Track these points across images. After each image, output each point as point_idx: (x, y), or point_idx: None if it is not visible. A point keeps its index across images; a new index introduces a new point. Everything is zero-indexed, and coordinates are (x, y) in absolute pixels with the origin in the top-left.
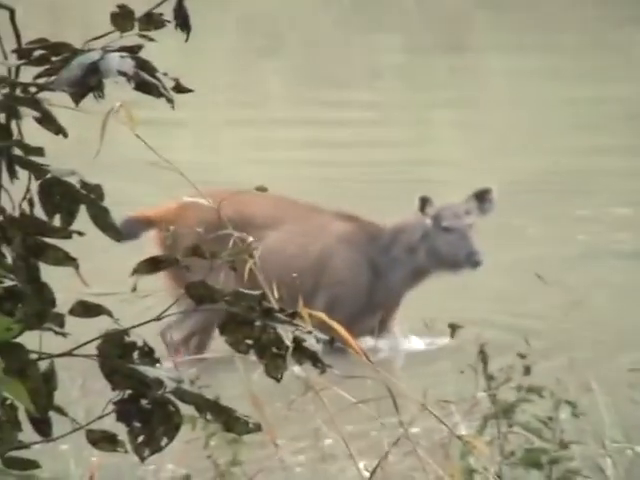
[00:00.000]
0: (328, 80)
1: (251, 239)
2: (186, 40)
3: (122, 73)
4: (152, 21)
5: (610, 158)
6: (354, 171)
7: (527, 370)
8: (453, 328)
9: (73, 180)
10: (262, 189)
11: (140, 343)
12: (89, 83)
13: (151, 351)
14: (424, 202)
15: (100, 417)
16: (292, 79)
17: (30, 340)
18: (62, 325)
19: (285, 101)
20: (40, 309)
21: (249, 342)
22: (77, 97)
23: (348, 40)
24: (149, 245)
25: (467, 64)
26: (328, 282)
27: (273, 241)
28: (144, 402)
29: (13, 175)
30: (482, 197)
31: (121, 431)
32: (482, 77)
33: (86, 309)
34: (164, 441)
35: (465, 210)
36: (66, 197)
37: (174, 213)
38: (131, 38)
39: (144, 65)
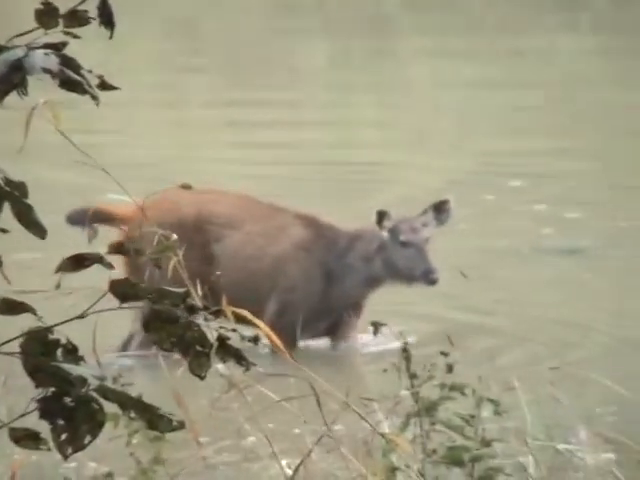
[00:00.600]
0: (249, 69)
1: (175, 237)
2: (110, 37)
3: (46, 70)
4: (76, 18)
5: (532, 140)
6: (274, 153)
7: (450, 368)
8: (375, 326)
9: None
10: (187, 186)
11: (64, 341)
12: (13, 80)
13: (75, 349)
14: (381, 216)
15: (23, 415)
16: (212, 65)
17: None
18: None
19: (206, 85)
20: None
21: (173, 340)
22: (1, 94)
23: (269, 38)
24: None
25: (388, 48)
26: (281, 287)
27: (233, 241)
28: (67, 400)
29: None
30: (439, 208)
31: (44, 429)
32: (403, 60)
33: (9, 306)
34: (87, 439)
35: (422, 223)
36: None
37: (136, 212)
38: (56, 35)
39: (69, 62)
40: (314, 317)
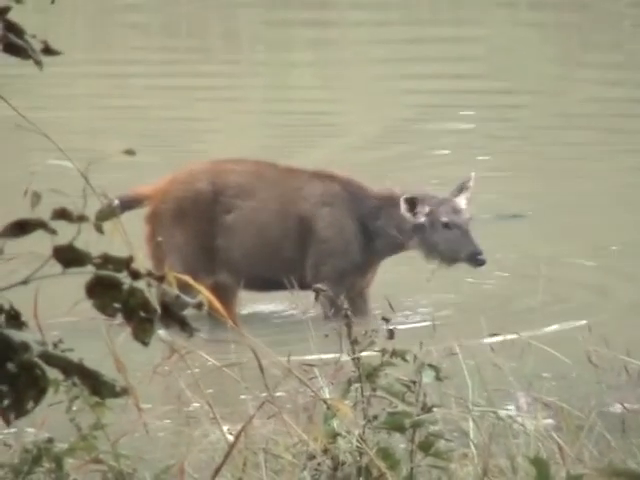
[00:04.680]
0: (187, 34)
1: (116, 202)
2: (52, 2)
3: None
4: None
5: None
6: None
7: (391, 334)
8: (317, 292)
9: None
10: (130, 152)
11: (7, 306)
12: None
13: (17, 315)
14: (412, 204)
15: None
16: (151, 36)
17: None
18: None
19: (145, 52)
20: None
21: (117, 305)
22: None
23: None
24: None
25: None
26: (315, 242)
27: (247, 211)
28: (11, 366)
29: None
30: (463, 187)
31: None
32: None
33: None
34: (30, 405)
35: (461, 205)
36: None
37: (162, 188)
38: None
39: (12, 27)
40: (353, 272)
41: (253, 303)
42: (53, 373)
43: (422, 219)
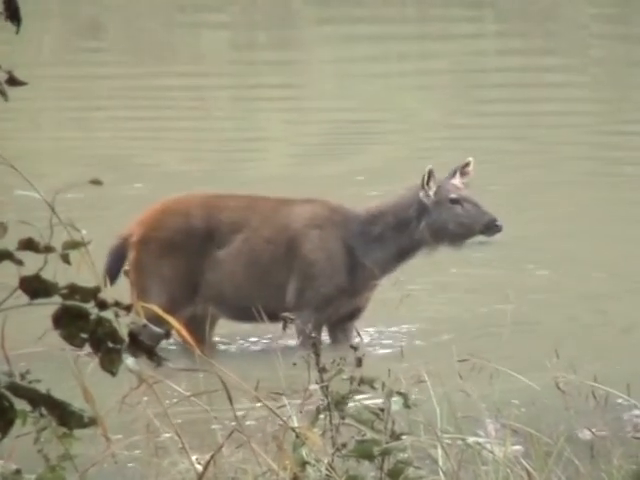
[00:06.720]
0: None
1: (84, 232)
2: (17, 32)
3: None
4: None
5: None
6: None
7: (359, 362)
8: (285, 320)
9: None
10: (97, 182)
11: None
12: None
13: None
14: (430, 175)
15: None
16: (116, 62)
17: None
18: None
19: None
20: None
21: (84, 336)
22: None
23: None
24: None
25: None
26: (300, 265)
27: (240, 243)
28: None
29: None
30: (463, 171)
31: None
32: (310, 67)
33: None
34: None
35: (459, 183)
36: None
37: (154, 216)
38: None
39: None
40: (340, 296)
41: (221, 331)
42: (21, 404)
43: (430, 194)
